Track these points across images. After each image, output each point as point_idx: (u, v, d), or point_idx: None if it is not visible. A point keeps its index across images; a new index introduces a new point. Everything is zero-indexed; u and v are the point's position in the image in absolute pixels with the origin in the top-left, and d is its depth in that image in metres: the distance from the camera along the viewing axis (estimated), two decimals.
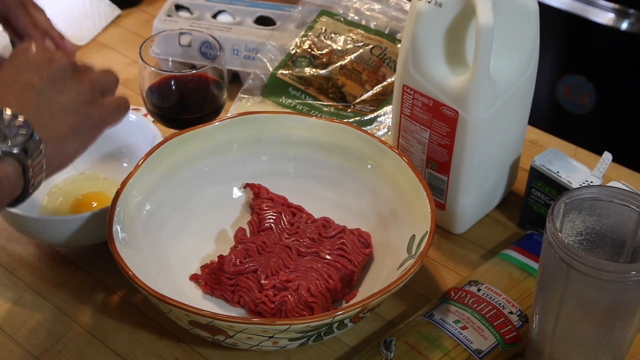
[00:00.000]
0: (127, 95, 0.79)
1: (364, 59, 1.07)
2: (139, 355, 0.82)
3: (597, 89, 1.58)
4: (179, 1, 1.18)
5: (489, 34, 0.78)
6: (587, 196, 0.71)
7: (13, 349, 0.82)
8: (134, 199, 0.84)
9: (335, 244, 0.86)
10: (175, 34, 1.06)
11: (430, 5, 0.82)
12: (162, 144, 0.88)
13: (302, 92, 1.07)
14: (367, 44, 1.08)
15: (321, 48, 1.09)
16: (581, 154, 1.04)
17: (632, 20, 1.51)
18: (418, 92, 0.87)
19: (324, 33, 1.09)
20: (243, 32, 1.13)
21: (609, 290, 0.68)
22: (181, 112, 0.97)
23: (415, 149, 0.91)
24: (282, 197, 0.92)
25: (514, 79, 0.86)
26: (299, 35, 1.11)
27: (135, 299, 0.87)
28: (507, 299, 0.82)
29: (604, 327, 0.70)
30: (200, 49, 1.06)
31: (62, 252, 0.92)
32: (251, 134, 0.92)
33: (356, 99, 1.05)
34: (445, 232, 0.95)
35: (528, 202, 0.92)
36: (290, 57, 1.09)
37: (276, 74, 1.08)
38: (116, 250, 0.77)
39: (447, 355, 0.77)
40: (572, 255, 0.67)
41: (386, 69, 1.06)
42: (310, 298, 0.81)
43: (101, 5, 1.26)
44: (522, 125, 0.93)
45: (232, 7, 1.17)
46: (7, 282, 0.89)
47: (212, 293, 0.85)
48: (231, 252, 0.86)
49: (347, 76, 1.06)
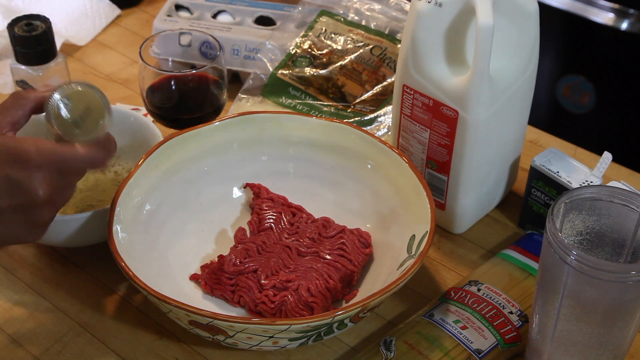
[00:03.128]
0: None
1: (364, 59, 1.07)
2: (139, 355, 0.82)
3: (597, 89, 1.58)
4: (179, 1, 1.18)
5: (489, 34, 0.78)
6: (587, 196, 0.71)
7: (13, 349, 0.82)
8: (134, 199, 0.84)
9: (335, 244, 0.86)
10: (175, 34, 1.06)
11: (430, 5, 0.82)
12: (162, 144, 0.88)
13: (302, 92, 1.07)
14: (367, 44, 1.08)
15: (321, 48, 1.09)
16: (581, 154, 1.04)
17: (632, 20, 1.51)
18: (418, 92, 0.87)
19: (324, 33, 1.09)
20: (243, 32, 1.12)
21: (609, 290, 0.68)
22: (181, 112, 0.97)
23: (415, 149, 0.91)
24: (282, 197, 0.92)
25: (514, 79, 0.86)
26: (299, 35, 1.11)
27: (135, 299, 0.87)
28: (507, 299, 0.82)
29: (604, 327, 0.70)
30: (200, 48, 1.06)
31: (62, 252, 0.92)
32: (251, 134, 0.92)
33: (356, 99, 1.05)
34: (445, 232, 0.95)
35: (528, 202, 0.92)
36: (290, 57, 1.09)
37: (276, 74, 1.08)
38: (116, 250, 0.77)
39: (447, 355, 0.77)
40: (572, 255, 0.67)
41: (386, 69, 1.06)
42: (310, 298, 0.81)
43: (101, 5, 1.26)
44: (522, 125, 0.93)
45: (232, 7, 1.16)
46: (7, 282, 0.89)
47: (212, 293, 0.85)
48: (231, 252, 0.86)
49: (347, 76, 1.06)
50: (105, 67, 1.19)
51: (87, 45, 1.23)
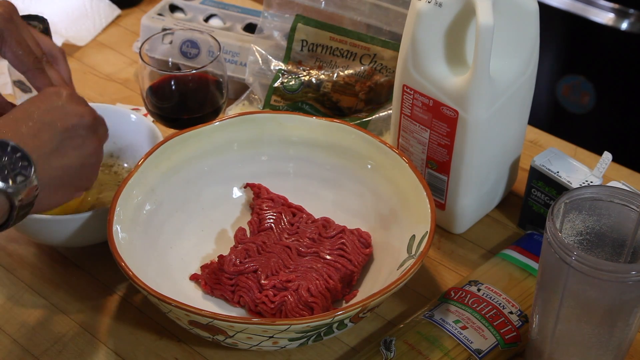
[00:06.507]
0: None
1: (355, 72, 1.05)
2: (139, 355, 0.82)
3: (597, 89, 1.58)
4: (174, 2, 1.18)
5: (489, 34, 0.78)
6: (587, 196, 0.71)
7: (13, 349, 0.82)
8: (134, 199, 0.84)
9: (335, 244, 0.87)
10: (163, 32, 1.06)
11: (430, 5, 0.82)
12: (162, 144, 0.88)
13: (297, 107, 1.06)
14: (354, 52, 1.06)
15: (307, 64, 1.07)
16: (581, 154, 1.04)
17: (632, 20, 1.51)
18: (418, 92, 0.87)
19: (306, 46, 1.07)
20: (224, 35, 1.12)
21: (609, 290, 0.68)
22: (181, 112, 0.97)
23: (415, 149, 0.91)
24: (282, 197, 0.92)
25: (514, 79, 0.86)
26: (281, 49, 1.08)
27: (135, 299, 0.87)
28: (507, 299, 0.82)
29: (604, 327, 0.70)
30: (180, 48, 1.06)
31: (62, 252, 0.92)
32: (251, 134, 0.92)
33: (352, 110, 1.05)
34: (445, 232, 0.95)
35: (528, 202, 0.92)
36: (278, 79, 1.06)
37: (270, 101, 1.07)
38: (116, 250, 0.77)
39: (447, 355, 0.77)
40: (572, 255, 0.67)
41: (379, 75, 1.05)
42: (310, 298, 0.81)
43: (101, 5, 1.26)
44: (522, 125, 0.93)
45: (224, 12, 1.17)
46: (7, 282, 0.89)
47: (212, 293, 0.85)
48: (231, 252, 0.86)
49: (341, 92, 1.05)
50: (105, 67, 1.19)
51: (87, 45, 1.23)
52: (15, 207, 0.68)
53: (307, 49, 1.07)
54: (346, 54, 1.06)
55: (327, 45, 1.06)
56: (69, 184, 0.75)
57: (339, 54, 1.06)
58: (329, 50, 1.06)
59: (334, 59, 1.06)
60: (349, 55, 1.06)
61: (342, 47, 1.06)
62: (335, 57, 1.06)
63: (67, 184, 0.75)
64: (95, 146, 0.76)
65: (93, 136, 0.76)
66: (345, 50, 1.06)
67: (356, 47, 1.06)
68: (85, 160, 0.75)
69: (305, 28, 1.07)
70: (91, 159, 0.76)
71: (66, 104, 0.74)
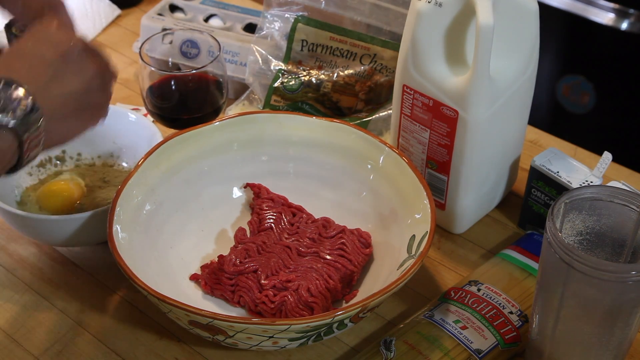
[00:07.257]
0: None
1: (355, 72, 1.05)
2: (139, 355, 0.82)
3: (597, 89, 1.58)
4: (174, 2, 1.18)
5: (489, 34, 0.78)
6: (587, 196, 0.71)
7: (13, 349, 0.82)
8: (134, 199, 0.84)
9: (335, 244, 0.86)
10: (163, 32, 1.06)
11: (430, 5, 0.82)
12: (162, 144, 0.88)
13: (297, 107, 1.06)
14: (354, 52, 1.06)
15: (307, 64, 1.07)
16: (581, 154, 1.04)
17: (632, 20, 1.51)
18: (418, 92, 0.87)
19: (306, 46, 1.07)
20: (224, 35, 1.12)
21: (609, 290, 0.68)
22: (181, 112, 0.97)
23: (415, 149, 0.91)
24: (282, 197, 0.92)
25: (514, 79, 0.86)
26: (281, 49, 1.08)
27: (135, 299, 0.87)
28: (507, 299, 0.82)
29: (604, 327, 0.70)
30: (180, 48, 1.06)
31: (62, 252, 0.92)
32: (251, 134, 0.92)
33: (352, 110, 1.05)
34: (445, 232, 0.95)
35: (528, 202, 0.92)
36: (279, 79, 1.07)
37: (270, 101, 1.07)
38: (116, 250, 0.77)
39: (447, 355, 0.77)
40: (572, 255, 0.67)
41: (379, 75, 1.05)
42: (310, 298, 0.81)
43: (101, 5, 1.26)
44: (522, 125, 0.93)
45: (224, 12, 1.17)
46: (7, 282, 0.89)
47: (212, 293, 0.85)
48: (231, 252, 0.86)
49: (341, 92, 1.05)
50: None
51: None
52: (24, 142, 0.67)
53: (307, 49, 1.07)
54: (346, 54, 1.06)
55: (327, 45, 1.07)
56: (79, 111, 0.73)
57: (339, 54, 1.06)
58: (329, 50, 1.06)
59: (334, 59, 1.06)
60: (349, 55, 1.06)
61: (342, 47, 1.06)
62: (335, 57, 1.06)
63: (76, 111, 0.73)
64: (96, 69, 0.74)
65: (91, 59, 0.74)
66: (345, 50, 1.06)
67: (356, 47, 1.06)
68: (88, 85, 0.73)
69: (305, 28, 1.07)
70: (94, 82, 0.74)
71: (55, 33, 0.73)
